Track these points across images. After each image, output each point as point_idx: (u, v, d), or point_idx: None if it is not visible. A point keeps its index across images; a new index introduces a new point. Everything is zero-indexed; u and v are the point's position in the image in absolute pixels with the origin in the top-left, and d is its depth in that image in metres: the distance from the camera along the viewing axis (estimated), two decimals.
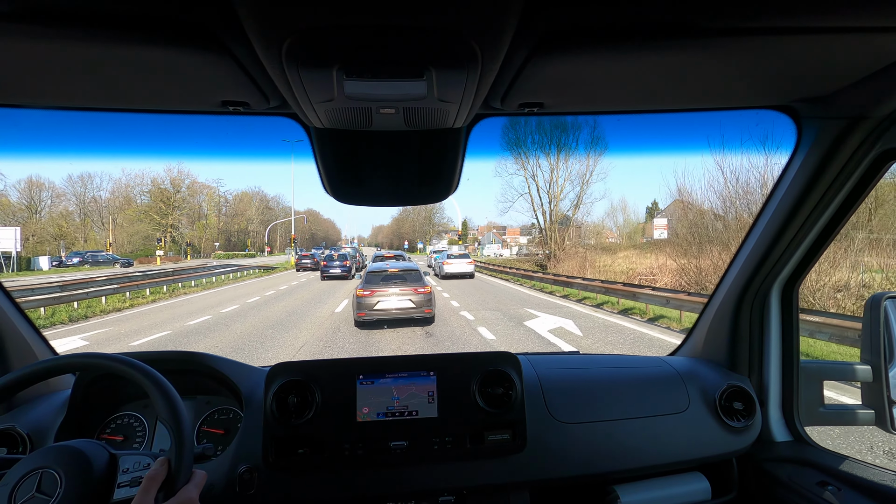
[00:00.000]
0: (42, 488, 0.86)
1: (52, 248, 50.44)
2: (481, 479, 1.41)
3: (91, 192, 51.96)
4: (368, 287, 10.88)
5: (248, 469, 1.32)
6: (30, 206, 48.40)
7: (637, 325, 11.63)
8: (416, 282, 11.13)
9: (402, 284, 10.95)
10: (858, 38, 0.85)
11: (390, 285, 10.85)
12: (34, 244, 49.11)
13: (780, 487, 1.45)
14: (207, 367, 1.48)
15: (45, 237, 44.39)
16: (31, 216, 48.07)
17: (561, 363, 1.71)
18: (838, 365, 1.55)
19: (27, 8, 0.73)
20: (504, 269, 30.98)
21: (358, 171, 1.32)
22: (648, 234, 47.69)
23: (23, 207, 47.64)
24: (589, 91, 1.09)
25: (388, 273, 11.23)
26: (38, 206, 48.61)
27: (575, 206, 38.99)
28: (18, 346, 1.53)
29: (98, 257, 47.14)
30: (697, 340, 1.84)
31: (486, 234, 71.10)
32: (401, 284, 10.94)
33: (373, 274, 11.38)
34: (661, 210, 59.36)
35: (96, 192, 53.68)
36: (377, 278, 11.13)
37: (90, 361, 1.04)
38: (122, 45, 0.82)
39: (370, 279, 11.11)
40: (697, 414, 1.55)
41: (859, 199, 1.31)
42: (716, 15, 0.79)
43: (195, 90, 1.02)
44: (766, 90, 1.13)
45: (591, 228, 39.98)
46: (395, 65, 0.82)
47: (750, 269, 1.56)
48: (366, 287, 10.89)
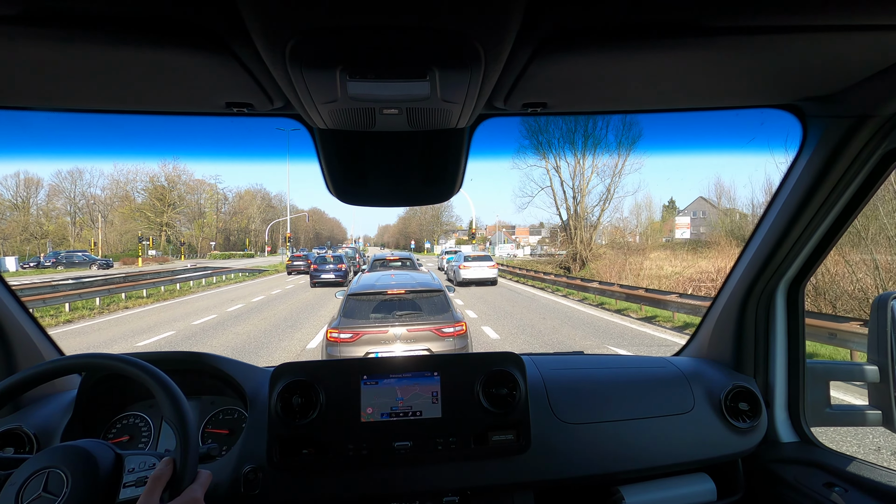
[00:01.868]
0: (49, 488, 0.91)
1: (34, 248, 50.50)
2: (485, 479, 1.46)
3: (80, 188, 52.39)
4: (351, 324, 5.90)
5: (253, 469, 1.38)
6: (15, 203, 48.76)
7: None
8: (439, 314, 6.19)
9: (416, 321, 6.03)
10: (865, 36, 0.87)
11: (392, 321, 5.98)
12: (18, 243, 49.40)
13: (786, 488, 1.50)
14: (212, 367, 1.55)
15: (28, 236, 44.57)
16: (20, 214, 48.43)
17: (565, 363, 1.76)
18: (845, 365, 1.60)
19: (33, 11, 0.76)
20: (529, 273, 27.09)
21: (361, 172, 1.37)
22: (666, 233, 46.89)
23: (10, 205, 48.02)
24: (593, 91, 1.13)
25: (389, 298, 6.30)
26: (26, 204, 48.95)
27: (605, 201, 36.04)
28: (25, 346, 1.60)
29: (73, 258, 45.65)
30: (702, 340, 1.89)
31: (496, 233, 70.91)
32: (413, 321, 6.02)
33: (360, 299, 6.27)
34: (682, 209, 58.90)
35: (86, 188, 54.13)
36: (367, 308, 6.18)
37: (96, 362, 1.09)
38: (128, 48, 0.85)
39: (354, 309, 6.16)
40: (702, 414, 1.60)
41: (866, 199, 1.35)
42: (720, 13, 0.81)
43: (200, 92, 1.06)
44: (772, 89, 1.16)
45: (607, 227, 38.59)
46: (399, 65, 0.85)
47: (755, 269, 1.60)
48: (345, 324, 5.91)
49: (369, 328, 5.85)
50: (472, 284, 23.64)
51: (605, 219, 36.88)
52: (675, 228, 54.20)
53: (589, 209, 36.27)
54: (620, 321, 13.38)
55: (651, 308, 14.22)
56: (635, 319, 13.63)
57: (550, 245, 53.50)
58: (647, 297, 14.35)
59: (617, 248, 32.80)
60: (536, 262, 42.70)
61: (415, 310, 6.24)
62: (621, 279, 23.76)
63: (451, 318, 6.13)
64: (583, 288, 19.18)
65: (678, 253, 30.63)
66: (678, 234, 48.07)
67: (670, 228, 52.45)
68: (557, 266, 35.46)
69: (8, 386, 1.03)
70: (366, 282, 7.02)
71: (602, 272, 27.46)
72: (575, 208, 36.26)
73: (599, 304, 16.92)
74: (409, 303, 6.28)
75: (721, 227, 28.55)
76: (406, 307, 6.23)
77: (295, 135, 1.52)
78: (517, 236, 79.99)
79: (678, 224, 55.61)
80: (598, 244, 35.42)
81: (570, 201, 36.77)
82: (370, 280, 7.18)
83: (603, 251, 33.69)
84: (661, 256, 29.92)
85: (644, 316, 14.15)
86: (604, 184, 37.52)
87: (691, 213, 61.18)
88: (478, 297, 18.47)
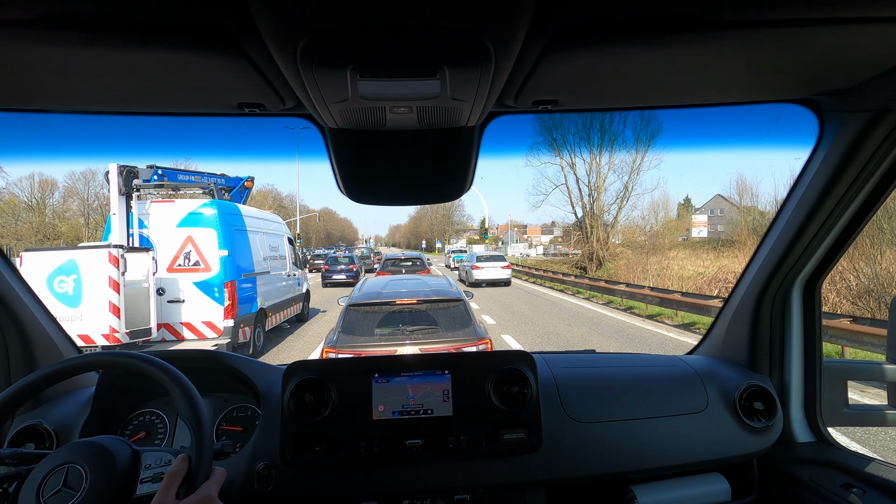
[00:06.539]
0: (68, 483, 0.95)
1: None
2: (497, 477, 1.48)
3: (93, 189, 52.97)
4: (351, 342, 4.88)
5: (266, 466, 1.41)
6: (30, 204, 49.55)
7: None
8: (458, 329, 5.12)
9: (430, 338, 4.97)
10: (882, 29, 0.87)
11: (401, 339, 4.91)
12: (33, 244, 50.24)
13: (802, 489, 1.50)
14: (226, 365, 1.59)
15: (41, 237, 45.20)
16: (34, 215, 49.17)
17: (576, 362, 1.77)
18: (863, 364, 1.59)
19: (49, 15, 0.78)
20: (547, 273, 25.84)
21: (372, 171, 1.39)
22: (682, 231, 46.33)
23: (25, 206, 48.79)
24: (604, 87, 1.14)
25: (398, 309, 5.22)
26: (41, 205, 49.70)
27: (622, 199, 35.15)
28: (45, 344, 1.65)
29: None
30: (716, 339, 1.88)
31: (508, 232, 70.76)
32: (426, 337, 4.97)
33: (363, 310, 5.21)
34: (698, 207, 58.34)
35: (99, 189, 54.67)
36: (370, 321, 5.16)
37: (114, 360, 1.13)
38: (142, 51, 0.87)
39: (355, 323, 5.11)
40: (716, 414, 1.60)
41: (884, 195, 1.34)
42: (733, 7, 0.81)
43: (212, 93, 1.08)
44: (787, 83, 1.15)
45: (623, 226, 37.94)
46: (409, 64, 0.86)
47: (771, 267, 1.59)
48: (344, 341, 4.89)
49: (372, 348, 4.76)
50: (484, 285, 23.22)
51: (622, 217, 36.24)
52: (692, 227, 53.69)
53: (605, 207, 35.59)
54: (655, 329, 12.45)
55: (688, 314, 12.77)
56: (672, 327, 12.66)
57: (564, 244, 53.05)
58: (685, 302, 12.86)
59: (636, 247, 31.92)
60: (551, 262, 42.09)
61: (429, 324, 5.11)
62: (644, 280, 22.88)
63: (474, 333, 4.96)
64: (608, 290, 17.94)
65: (698, 252, 29.98)
66: (695, 233, 47.56)
67: (686, 227, 51.93)
68: (573, 266, 34.80)
69: (28, 383, 1.06)
70: (370, 289, 5.83)
71: (621, 272, 26.77)
72: (591, 206, 35.59)
73: (627, 309, 15.85)
74: (421, 315, 5.16)
75: (743, 225, 28.00)
76: (418, 321, 5.11)
77: (305, 134, 1.54)
78: (529, 236, 79.75)
79: (695, 222, 55.09)
80: (615, 243, 34.72)
81: (585, 199, 36.12)
82: (375, 287, 5.97)
83: (620, 250, 32.94)
84: (682, 255, 29.23)
85: (681, 322, 13.02)
86: (621, 181, 36.87)
87: (708, 211, 60.62)
88: (494, 301, 17.78)
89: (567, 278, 23.23)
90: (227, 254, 8.75)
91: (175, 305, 8.61)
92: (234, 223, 9.36)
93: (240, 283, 9.07)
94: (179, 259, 8.69)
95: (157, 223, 8.67)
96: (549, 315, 14.84)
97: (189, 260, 8.69)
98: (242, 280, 9.23)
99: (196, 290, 8.66)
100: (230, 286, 8.73)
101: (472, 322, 5.18)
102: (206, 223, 8.69)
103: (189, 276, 8.65)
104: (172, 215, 8.69)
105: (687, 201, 56.30)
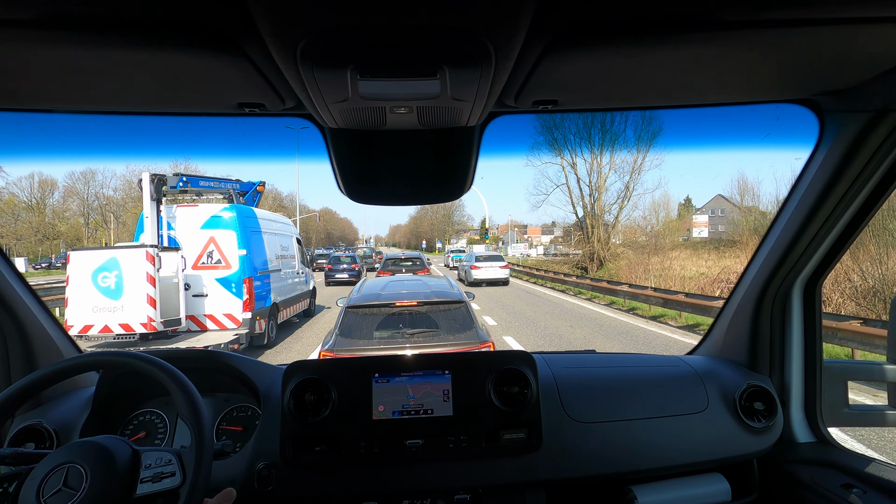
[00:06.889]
0: (69, 482, 0.95)
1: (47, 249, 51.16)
2: (497, 477, 1.48)
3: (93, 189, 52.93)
4: (348, 345, 4.75)
5: (267, 466, 1.42)
6: (30, 204, 49.58)
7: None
8: (460, 332, 4.94)
9: (431, 341, 4.79)
10: (883, 29, 0.87)
11: (401, 342, 4.81)
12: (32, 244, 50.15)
13: (802, 489, 1.50)
14: (226, 365, 1.59)
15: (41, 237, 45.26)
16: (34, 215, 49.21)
17: (577, 362, 1.77)
18: (864, 365, 1.60)
19: (49, 15, 0.78)
20: (548, 274, 25.79)
21: (372, 171, 1.39)
22: (683, 232, 46.28)
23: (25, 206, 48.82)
24: (604, 88, 1.14)
25: (397, 311, 5.06)
26: (41, 205, 49.77)
27: (623, 199, 34.92)
28: (45, 344, 1.65)
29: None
30: (716, 339, 1.88)
31: (508, 232, 70.74)
32: (427, 341, 4.79)
33: (361, 312, 5.05)
34: (699, 207, 58.36)
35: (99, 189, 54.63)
36: (369, 324, 4.99)
37: (114, 360, 1.14)
38: (142, 51, 0.88)
39: (354, 325, 4.96)
40: (717, 414, 1.60)
41: (885, 195, 1.34)
42: (733, 7, 0.81)
43: (212, 92, 1.09)
44: (787, 83, 1.16)
45: (623, 226, 37.94)
46: (409, 64, 0.87)
47: (771, 267, 1.60)
48: (342, 345, 4.76)
49: (371, 351, 4.64)
50: (483, 284, 23.38)
51: (623, 217, 36.07)
52: (693, 227, 53.69)
53: (606, 207, 35.47)
54: (659, 330, 12.34)
55: (692, 315, 12.66)
56: (676, 328, 12.60)
57: (564, 244, 52.99)
58: (689, 303, 12.71)
59: (637, 247, 31.76)
60: (551, 262, 41.98)
61: (430, 327, 4.95)
62: (645, 280, 22.76)
63: (476, 337, 4.81)
64: (610, 291, 17.70)
65: (700, 252, 29.90)
66: (696, 233, 47.52)
67: (687, 227, 51.94)
68: (574, 266, 34.64)
69: (29, 382, 1.07)
70: (369, 290, 5.67)
71: (622, 273, 26.67)
72: (592, 206, 35.40)
73: (630, 310, 15.71)
74: (422, 318, 5.02)
75: (745, 226, 27.95)
76: (419, 323, 4.96)
77: (305, 134, 1.55)
78: (529, 236, 79.72)
79: (696, 222, 55.07)
80: (616, 243, 34.60)
81: (586, 199, 35.91)
82: (374, 288, 5.81)
83: (621, 250, 32.83)
84: (683, 256, 28.97)
85: (685, 324, 12.99)
86: (622, 181, 37.01)
87: (709, 212, 60.63)
88: (494, 301, 17.52)
89: (569, 279, 23.09)
90: (246, 253, 9.65)
91: (199, 299, 9.51)
92: (251, 225, 10.29)
93: (256, 280, 9.92)
94: (203, 257, 9.62)
95: (183, 225, 9.59)
96: (550, 316, 14.76)
97: (212, 258, 9.62)
98: (258, 277, 10.06)
99: (218, 285, 9.57)
100: (248, 282, 9.62)
101: (474, 324, 5.07)
102: (226, 225, 9.65)
103: (212, 273, 9.57)
104: (196, 218, 9.62)
105: (688, 201, 56.33)
